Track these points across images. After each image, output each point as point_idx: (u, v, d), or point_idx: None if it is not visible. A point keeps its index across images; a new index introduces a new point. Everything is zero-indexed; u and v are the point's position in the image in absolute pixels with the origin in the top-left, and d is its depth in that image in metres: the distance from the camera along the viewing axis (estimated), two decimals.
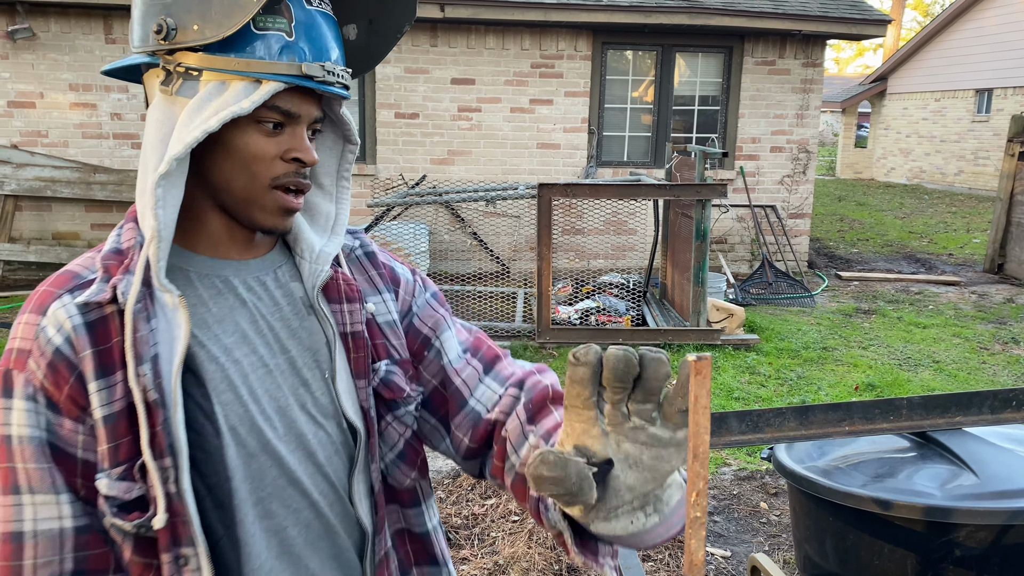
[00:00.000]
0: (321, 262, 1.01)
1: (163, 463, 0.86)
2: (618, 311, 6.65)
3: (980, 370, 5.85)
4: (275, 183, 0.94)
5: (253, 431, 0.93)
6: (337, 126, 1.05)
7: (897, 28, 26.71)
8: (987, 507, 1.63)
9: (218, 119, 0.86)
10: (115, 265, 0.91)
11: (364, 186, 8.38)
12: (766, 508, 3.77)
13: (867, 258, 10.33)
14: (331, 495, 0.98)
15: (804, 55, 8.75)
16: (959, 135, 18.39)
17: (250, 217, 0.95)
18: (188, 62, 0.89)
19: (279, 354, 0.97)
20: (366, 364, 1.00)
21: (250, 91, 0.88)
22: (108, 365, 0.87)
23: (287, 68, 0.89)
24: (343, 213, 1.06)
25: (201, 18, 0.87)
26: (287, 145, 0.93)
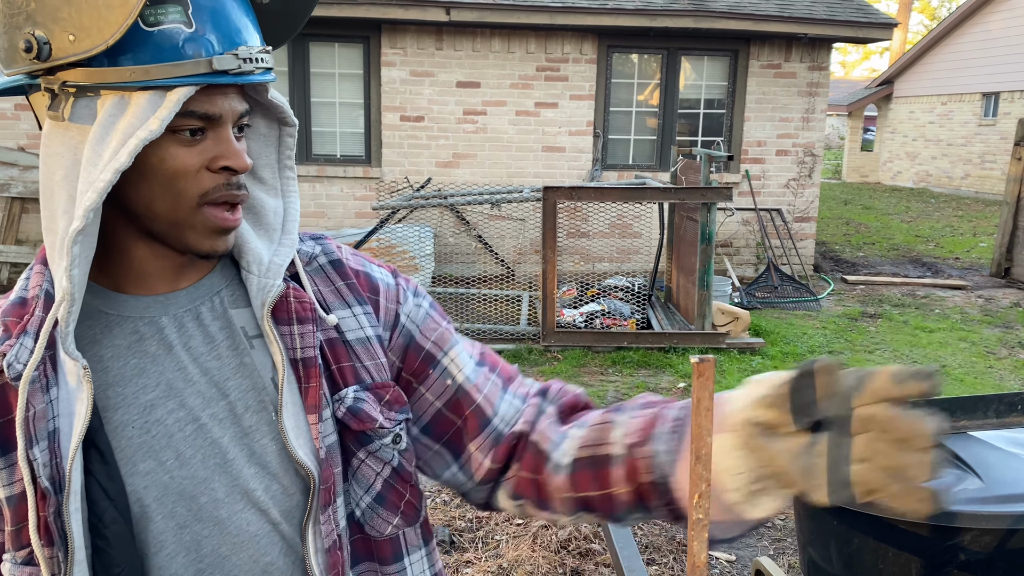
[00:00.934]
0: (271, 275, 0.86)
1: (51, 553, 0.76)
2: (623, 314, 6.65)
3: (987, 374, 5.83)
4: (204, 200, 0.80)
5: (182, 499, 0.81)
6: (267, 110, 0.89)
7: (903, 31, 26.68)
8: (992, 511, 1.62)
9: (127, 152, 0.73)
10: (14, 322, 0.79)
11: (369, 189, 8.40)
12: None
13: (873, 262, 10.30)
14: (290, 555, 0.85)
15: (810, 58, 8.75)
16: (966, 139, 18.35)
17: (182, 242, 0.81)
18: (74, 79, 0.74)
19: (215, 402, 0.83)
20: (318, 395, 0.85)
21: (156, 103, 0.74)
22: (7, 442, 0.78)
23: (194, 67, 0.74)
24: (292, 207, 0.92)
25: (75, 26, 0.72)
26: (212, 152, 0.79)
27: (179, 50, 0.74)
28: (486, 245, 8.49)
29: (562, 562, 3.24)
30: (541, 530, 3.44)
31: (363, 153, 8.47)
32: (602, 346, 6.09)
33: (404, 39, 8.20)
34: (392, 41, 8.20)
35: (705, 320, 6.10)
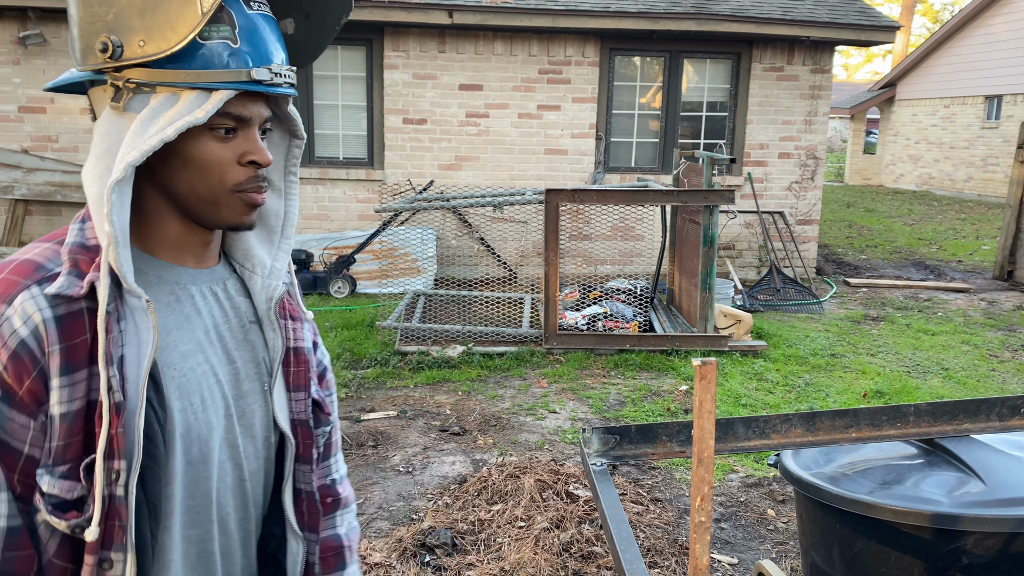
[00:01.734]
0: (275, 277, 1.05)
1: (113, 465, 0.86)
2: (625, 317, 6.65)
3: (989, 377, 5.82)
4: (237, 189, 0.96)
5: (198, 440, 0.95)
6: (283, 122, 1.08)
7: (906, 34, 26.65)
8: (995, 515, 1.62)
9: (175, 128, 0.88)
10: (85, 260, 0.91)
11: (372, 191, 8.40)
12: (773, 515, 3.75)
13: (876, 264, 10.29)
14: (242, 512, 1.02)
15: (812, 61, 8.74)
16: (968, 141, 18.32)
17: (216, 217, 0.97)
18: (137, 77, 0.90)
19: (226, 365, 1.00)
20: (307, 378, 1.06)
21: (202, 100, 0.90)
22: (75, 363, 0.87)
23: (236, 75, 0.91)
24: (292, 212, 1.09)
25: (146, 34, 0.88)
26: (242, 148, 0.95)
27: (225, 61, 0.91)
28: (488, 247, 8.49)
29: (564, 565, 3.23)
30: (543, 533, 3.43)
31: (366, 155, 8.48)
32: (604, 348, 6.08)
33: (407, 42, 8.21)
34: (395, 44, 8.21)
35: (707, 323, 6.09)
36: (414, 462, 4.22)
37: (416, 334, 6.19)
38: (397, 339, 6.11)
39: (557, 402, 5.12)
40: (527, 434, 4.62)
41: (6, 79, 7.81)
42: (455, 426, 4.68)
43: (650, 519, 3.67)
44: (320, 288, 7.68)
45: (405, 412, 4.88)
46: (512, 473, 3.93)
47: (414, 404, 5.03)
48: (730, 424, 1.72)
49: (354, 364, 5.79)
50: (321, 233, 8.33)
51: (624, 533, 1.32)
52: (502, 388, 5.38)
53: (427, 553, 3.32)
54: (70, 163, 7.78)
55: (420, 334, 6.19)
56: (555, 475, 3.91)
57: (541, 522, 3.53)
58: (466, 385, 5.40)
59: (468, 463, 4.22)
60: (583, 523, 3.55)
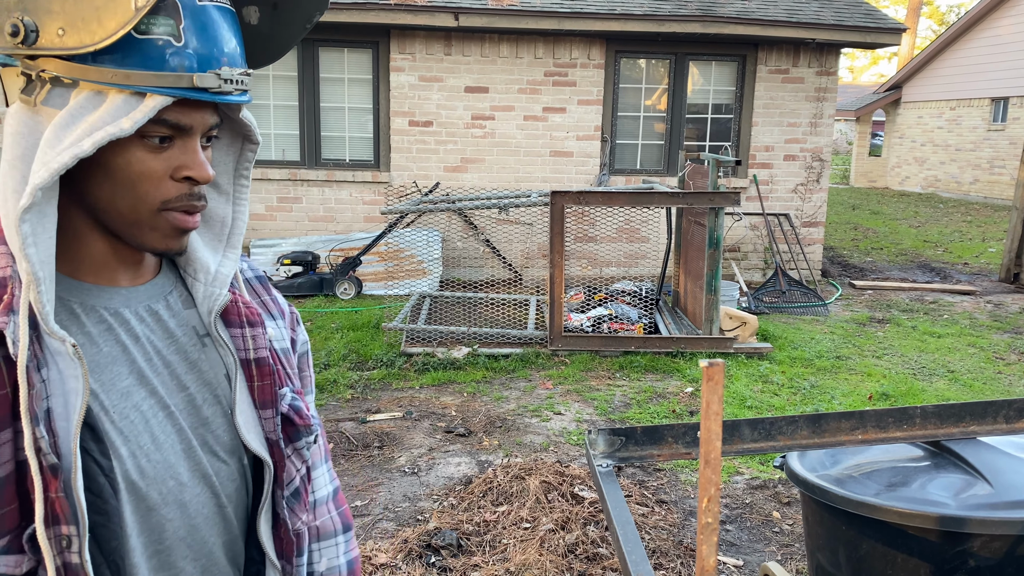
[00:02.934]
0: (218, 284, 0.91)
1: (61, 531, 0.75)
2: (630, 319, 6.65)
3: (996, 380, 5.80)
4: (165, 206, 0.82)
5: (155, 483, 0.84)
6: (235, 123, 0.93)
7: (912, 36, 26.61)
8: (1002, 517, 1.62)
9: (92, 141, 0.74)
10: None
11: (378, 193, 8.42)
12: (779, 517, 3.75)
13: (881, 267, 10.27)
14: (227, 536, 0.92)
15: (818, 63, 8.74)
16: (974, 144, 18.28)
17: (139, 240, 0.84)
18: (54, 69, 0.76)
19: (177, 392, 0.88)
20: (272, 391, 0.92)
21: (132, 105, 0.76)
22: None
23: (175, 80, 0.77)
24: (241, 219, 0.95)
25: (67, 23, 0.74)
26: (177, 161, 0.81)
27: (164, 61, 0.76)
28: (494, 249, 8.50)
29: (569, 566, 3.24)
30: (548, 534, 3.44)
31: (372, 158, 8.50)
32: (609, 350, 6.09)
33: (413, 44, 8.23)
34: (401, 46, 8.23)
35: (713, 325, 6.09)
36: (419, 463, 4.23)
37: (422, 335, 6.20)
38: (403, 340, 6.12)
39: (562, 404, 5.13)
40: (532, 435, 4.63)
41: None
42: (460, 427, 4.69)
43: (655, 521, 3.67)
44: (326, 289, 7.70)
45: (410, 413, 4.89)
46: (517, 474, 3.93)
47: (419, 405, 5.04)
48: (736, 426, 1.72)
49: (360, 365, 5.81)
50: (327, 235, 8.35)
51: (630, 535, 1.33)
52: (507, 389, 5.38)
53: (433, 554, 3.32)
54: None
55: (426, 335, 6.20)
56: (560, 476, 3.91)
57: (546, 523, 3.53)
58: (471, 386, 5.41)
59: (473, 464, 4.23)
60: (588, 524, 3.56)
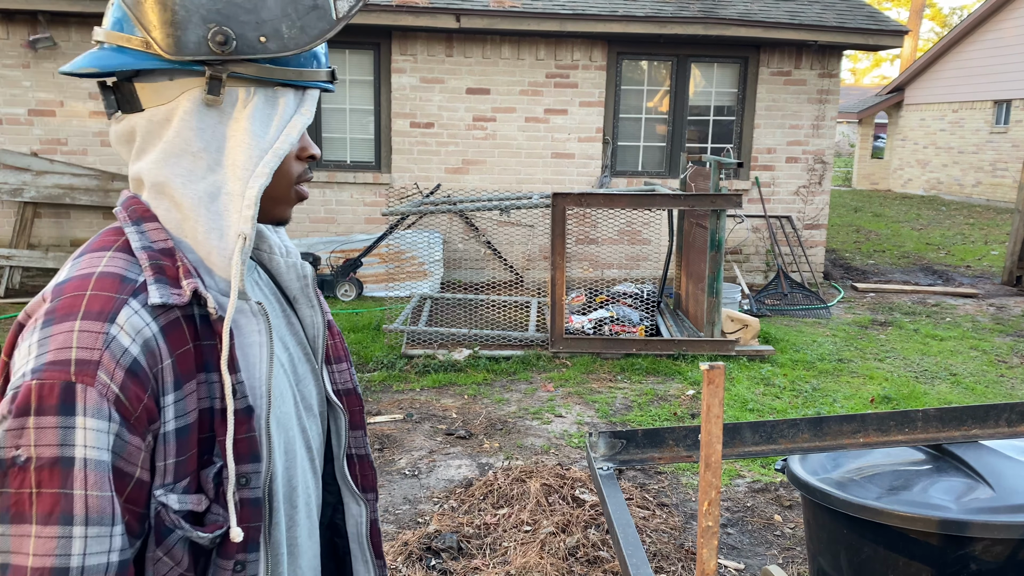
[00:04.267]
0: (295, 256, 1.06)
1: (244, 469, 0.87)
2: (632, 321, 6.64)
3: (998, 383, 5.79)
4: (297, 180, 0.98)
5: (285, 433, 0.95)
6: None
7: (914, 39, 26.58)
8: (1003, 521, 1.61)
9: (296, 130, 0.90)
10: (168, 266, 0.87)
11: (379, 195, 8.42)
12: (780, 521, 3.74)
13: (883, 269, 10.26)
14: (314, 487, 1.02)
15: (820, 66, 8.73)
16: (977, 146, 18.26)
17: (275, 213, 0.98)
18: (244, 72, 0.88)
19: (283, 352, 0.99)
20: (344, 348, 1.09)
21: (299, 99, 0.92)
22: (184, 374, 0.85)
23: (320, 75, 0.93)
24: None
25: (271, 32, 0.88)
26: (303, 144, 0.97)
27: (316, 61, 0.93)
28: (495, 251, 8.49)
29: (570, 569, 3.23)
30: (549, 537, 3.43)
31: (373, 159, 8.50)
32: (611, 353, 6.08)
33: (414, 46, 8.23)
34: (402, 48, 8.23)
35: (714, 327, 6.08)
36: (420, 465, 4.22)
37: (422, 337, 6.19)
38: (403, 342, 6.11)
39: (563, 406, 5.12)
40: (533, 438, 4.62)
41: (16, 82, 7.86)
42: (461, 430, 4.68)
43: (656, 524, 3.66)
44: (327, 291, 7.69)
45: (411, 415, 4.88)
46: (518, 477, 3.92)
47: (420, 407, 5.04)
48: (737, 429, 1.71)
49: (360, 367, 5.80)
50: (328, 236, 8.35)
51: (631, 538, 1.32)
52: (508, 392, 5.38)
53: (433, 557, 3.31)
54: (79, 166, 7.82)
55: (426, 337, 6.19)
56: (561, 479, 3.91)
57: (547, 526, 3.52)
58: (472, 389, 5.40)
59: (474, 467, 4.22)
60: (589, 528, 3.55)
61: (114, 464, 0.80)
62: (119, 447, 0.80)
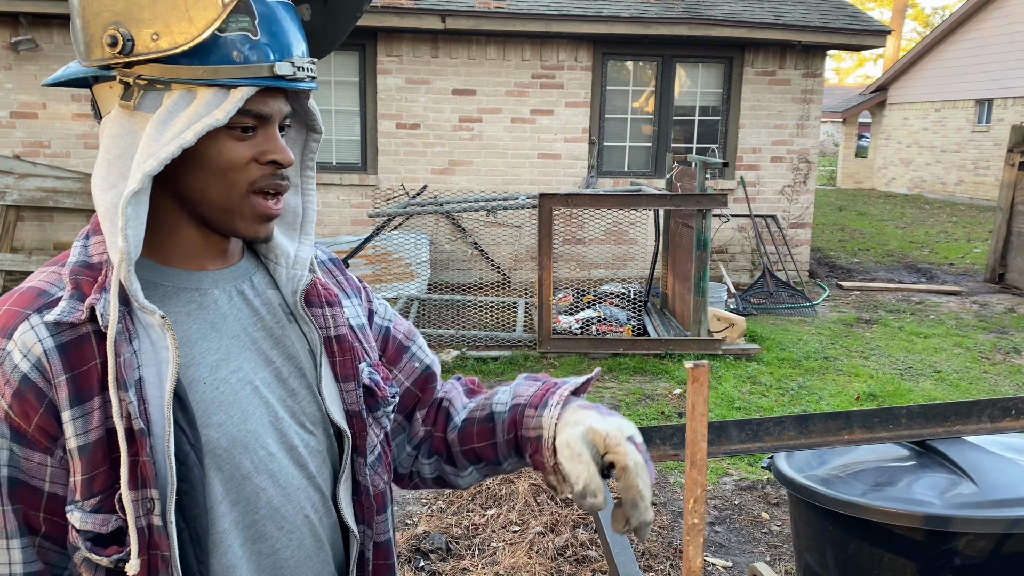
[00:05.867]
0: (299, 267, 0.99)
1: (147, 494, 0.81)
2: (619, 321, 6.66)
3: (982, 380, 5.84)
4: (253, 188, 0.90)
5: (247, 453, 0.89)
6: (299, 116, 1.01)
7: (897, 39, 26.79)
8: (987, 516, 1.62)
9: (194, 132, 0.82)
10: (87, 281, 0.85)
11: (365, 196, 8.40)
12: (767, 518, 3.76)
13: (868, 268, 10.33)
14: (321, 508, 0.97)
15: (804, 65, 8.78)
16: (959, 145, 18.42)
17: (230, 226, 0.92)
18: (149, 74, 0.83)
19: (264, 367, 0.93)
20: (354, 366, 0.99)
21: (220, 99, 0.84)
22: (84, 391, 0.82)
23: (257, 71, 0.85)
24: (311, 208, 1.03)
25: (162, 28, 0.82)
26: (262, 147, 0.89)
27: (245, 55, 0.84)
28: (482, 252, 8.50)
29: (559, 569, 3.23)
30: (537, 537, 3.43)
31: (359, 160, 8.48)
32: (598, 352, 6.09)
33: (400, 47, 8.22)
34: (388, 49, 8.22)
35: (701, 326, 6.10)
36: None
37: None
38: None
39: None
40: None
41: None
42: None
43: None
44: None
45: None
46: (506, 478, 3.92)
47: None
48: (723, 427, 1.73)
49: None
50: (315, 238, 8.31)
51: (619, 537, 1.32)
52: None
53: (422, 558, 3.31)
54: (62, 169, 7.76)
55: None
56: None
57: (535, 526, 3.53)
58: None
59: None
60: (577, 527, 3.55)
61: (16, 478, 0.81)
62: (15, 461, 0.81)
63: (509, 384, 1.13)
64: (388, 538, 1.06)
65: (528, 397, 1.07)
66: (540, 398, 1.05)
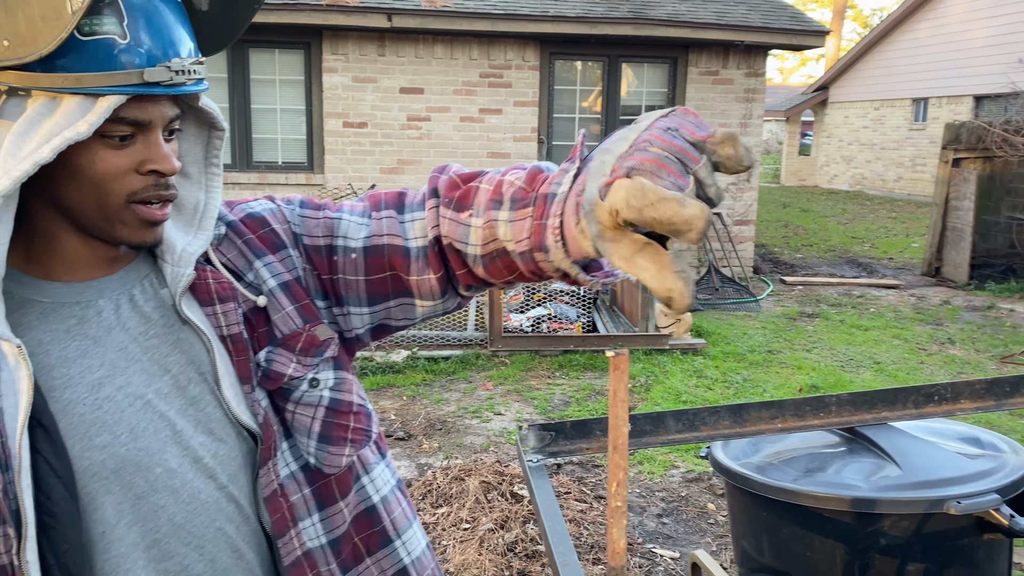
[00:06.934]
0: (183, 264, 0.90)
1: (6, 531, 0.76)
2: (569, 318, 6.72)
3: (919, 370, 6.04)
4: (133, 198, 0.83)
5: (139, 472, 0.83)
6: (199, 112, 0.93)
7: (838, 39, 27.46)
8: (909, 497, 1.70)
9: (51, 148, 0.75)
10: None
11: (312, 196, 8.32)
12: (714, 509, 3.84)
13: (811, 263, 10.58)
14: (237, 516, 0.90)
15: (747, 65, 8.96)
16: (898, 143, 18.97)
17: (112, 234, 0.85)
18: (5, 80, 0.77)
19: (159, 378, 0.87)
20: (248, 367, 0.91)
21: (86, 107, 0.77)
22: None
23: (126, 78, 0.77)
24: (213, 202, 0.95)
25: (10, 33, 0.75)
26: (141, 156, 0.82)
27: (112, 60, 0.77)
28: None
29: (508, 564, 3.26)
30: (488, 534, 3.46)
31: (305, 160, 8.40)
32: (549, 350, 6.14)
33: (346, 45, 8.17)
34: (334, 47, 8.15)
35: (649, 322, 6.20)
36: None
37: None
38: None
39: (502, 404, 5.15)
40: (472, 436, 4.64)
41: None
42: (400, 431, 4.67)
43: (594, 516, 3.72)
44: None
45: None
46: (457, 476, 3.94)
47: None
48: (661, 418, 1.77)
49: None
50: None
51: (557, 527, 1.35)
52: (447, 392, 5.38)
53: None
54: None
55: None
56: (500, 476, 3.94)
57: (486, 523, 3.55)
58: (411, 390, 5.39)
59: (413, 467, 4.22)
60: (528, 523, 3.59)
61: None
62: None
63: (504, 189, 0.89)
64: (371, 505, 0.99)
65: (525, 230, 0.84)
66: (538, 238, 0.82)
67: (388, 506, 1.01)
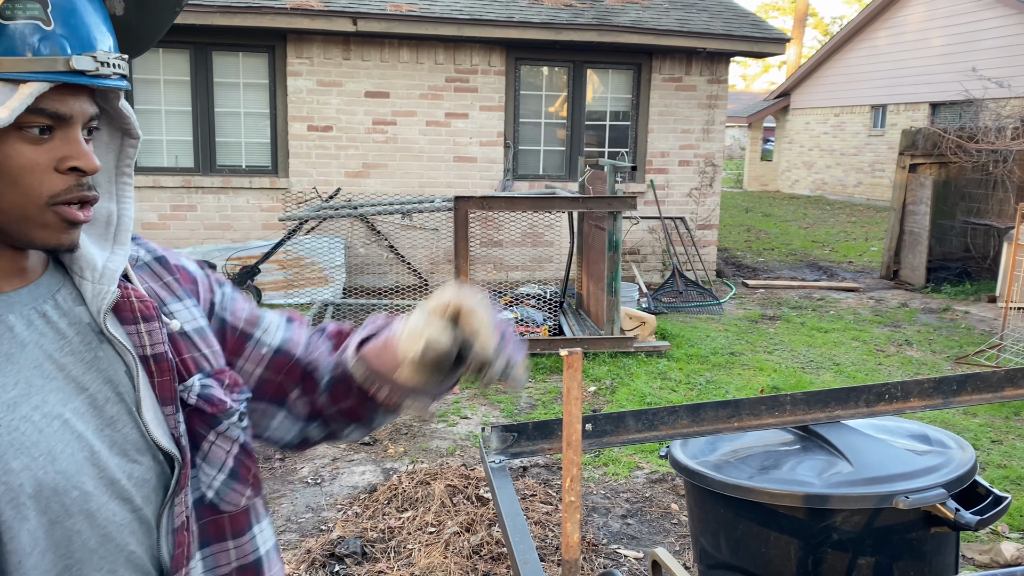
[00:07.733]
0: (106, 281, 0.87)
1: None
2: (536, 322, 6.75)
3: (877, 371, 6.17)
4: (54, 200, 0.80)
5: (56, 496, 0.80)
6: (113, 119, 0.91)
7: (799, 46, 27.93)
8: (860, 492, 1.75)
9: None
10: None
11: (276, 200, 8.26)
12: (677, 509, 3.89)
13: (772, 266, 10.75)
14: (146, 539, 0.87)
15: (709, 72, 9.09)
16: (857, 148, 19.34)
17: (26, 238, 0.81)
18: None
19: (75, 397, 0.83)
20: (172, 388, 0.89)
21: (6, 94, 0.74)
22: None
23: (50, 64, 0.75)
24: (126, 214, 0.93)
25: None
26: (61, 152, 0.79)
27: (35, 46, 0.75)
28: (399, 255, 8.47)
29: (474, 567, 3.27)
30: (453, 537, 3.47)
31: (270, 163, 8.34)
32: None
33: (311, 49, 8.13)
34: (298, 51, 8.11)
35: (614, 325, 6.25)
36: (323, 473, 4.19)
37: None
38: None
39: (469, 408, 5.17)
40: (438, 441, 4.65)
41: None
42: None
43: (559, 519, 3.75)
44: None
45: None
46: (422, 480, 3.94)
47: None
48: (621, 417, 1.80)
49: None
50: (224, 243, 8.14)
51: (519, 526, 1.37)
52: None
53: (337, 563, 3.30)
54: None
55: None
56: (465, 480, 3.95)
57: (451, 527, 3.56)
58: None
59: (378, 472, 4.22)
60: (493, 526, 3.60)
61: None
62: None
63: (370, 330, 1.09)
64: (258, 557, 0.98)
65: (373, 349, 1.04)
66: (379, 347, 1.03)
67: (270, 562, 1.01)
